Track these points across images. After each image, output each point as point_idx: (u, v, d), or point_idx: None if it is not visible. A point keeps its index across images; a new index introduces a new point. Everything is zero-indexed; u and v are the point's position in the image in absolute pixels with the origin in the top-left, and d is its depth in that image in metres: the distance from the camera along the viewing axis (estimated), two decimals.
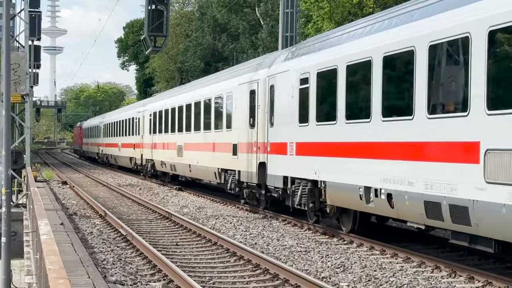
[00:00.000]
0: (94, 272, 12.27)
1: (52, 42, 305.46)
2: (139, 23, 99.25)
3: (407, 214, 14.07)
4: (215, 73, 36.64)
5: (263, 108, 22.26)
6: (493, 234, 11.54)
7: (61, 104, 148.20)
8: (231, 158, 25.34)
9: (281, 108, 20.77)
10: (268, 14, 57.37)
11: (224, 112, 26.94)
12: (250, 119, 23.31)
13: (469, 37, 11.91)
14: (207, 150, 28.72)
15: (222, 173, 26.52)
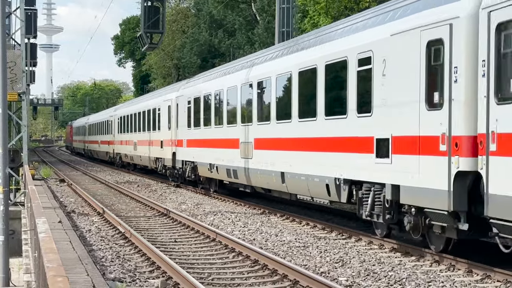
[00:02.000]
0: (92, 270, 12.27)
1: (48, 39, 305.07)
2: (136, 20, 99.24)
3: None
4: (153, 91, 54.43)
5: (174, 117, 34.05)
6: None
7: (58, 102, 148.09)
8: (159, 150, 37.48)
9: (180, 117, 32.72)
10: (264, 10, 57.33)
11: (156, 119, 38.76)
12: (169, 124, 35.39)
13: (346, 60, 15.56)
14: (151, 145, 40.03)
15: (157, 161, 38.15)
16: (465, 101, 12.24)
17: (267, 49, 25.32)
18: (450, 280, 12.13)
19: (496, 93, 11.37)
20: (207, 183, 29.37)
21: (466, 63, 12.26)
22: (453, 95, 12.47)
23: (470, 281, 12.12)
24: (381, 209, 14.87)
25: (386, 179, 14.55)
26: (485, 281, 12.10)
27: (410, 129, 13.67)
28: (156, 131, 38.34)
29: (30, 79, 45.20)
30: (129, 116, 48.63)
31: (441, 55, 12.83)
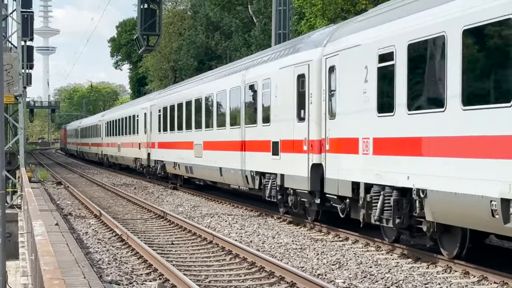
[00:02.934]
0: (89, 272, 12.27)
1: (45, 42, 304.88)
2: (132, 23, 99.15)
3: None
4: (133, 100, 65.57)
5: (149, 123, 39.65)
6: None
7: (54, 104, 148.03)
8: (138, 151, 42.30)
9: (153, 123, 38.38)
10: (261, 12, 57.33)
11: (135, 124, 44.01)
12: (145, 129, 40.56)
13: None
14: (132, 147, 44.65)
15: (136, 161, 43.14)
16: (315, 117, 17.89)
17: (214, 70, 32.64)
18: (447, 282, 12.14)
19: (329, 111, 17.19)
20: (174, 178, 35.14)
21: (316, 91, 17.86)
22: (310, 112, 18.17)
23: (467, 283, 12.12)
24: (276, 192, 20.50)
25: (277, 170, 20.35)
26: (482, 283, 12.11)
27: (289, 135, 19.41)
28: (135, 135, 44.07)
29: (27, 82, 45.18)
30: (114, 121, 54.44)
31: (304, 84, 18.52)
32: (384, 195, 14.50)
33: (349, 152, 16.08)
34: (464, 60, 11.86)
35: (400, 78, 13.89)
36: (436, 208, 12.85)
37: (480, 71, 11.80)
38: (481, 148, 11.48)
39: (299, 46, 19.76)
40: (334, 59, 16.88)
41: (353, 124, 15.98)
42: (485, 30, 11.44)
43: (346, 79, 16.37)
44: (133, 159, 44.31)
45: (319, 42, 18.32)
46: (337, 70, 16.77)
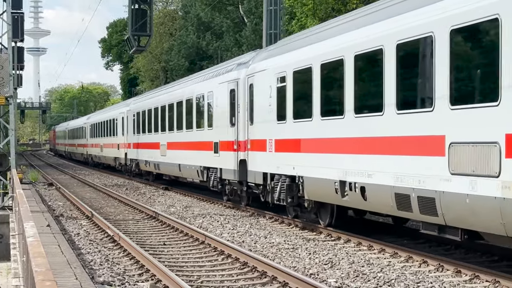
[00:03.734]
0: (81, 273, 12.24)
1: (35, 43, 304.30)
2: (123, 23, 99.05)
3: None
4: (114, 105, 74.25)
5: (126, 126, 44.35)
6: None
7: (45, 105, 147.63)
8: (117, 151, 47.12)
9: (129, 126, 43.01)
10: (252, 12, 57.34)
11: (115, 127, 48.50)
12: (122, 131, 45.31)
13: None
14: (112, 147, 49.68)
15: (116, 159, 48.35)
16: (242, 123, 22.65)
17: (175, 82, 39.23)
18: (439, 281, 12.16)
19: (250, 118, 21.86)
20: (147, 175, 39.86)
21: (242, 103, 22.60)
22: (238, 119, 22.94)
23: (459, 281, 12.15)
24: (217, 183, 25.18)
25: (217, 165, 25.06)
26: (474, 281, 12.14)
27: (225, 137, 24.19)
28: (115, 137, 48.86)
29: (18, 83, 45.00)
30: (97, 124, 59.38)
31: (235, 97, 23.19)
32: (281, 182, 19.33)
33: (261, 150, 20.97)
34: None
35: (289, 96, 18.78)
36: (309, 189, 17.92)
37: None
38: (328, 146, 16.70)
39: (232, 67, 24.54)
40: (253, 79, 21.64)
41: (263, 129, 20.84)
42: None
43: (259, 94, 21.07)
44: (113, 158, 49.47)
45: (245, 64, 22.97)
46: (254, 87, 21.55)
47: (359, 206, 16.07)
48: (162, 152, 33.99)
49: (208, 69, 32.06)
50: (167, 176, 36.83)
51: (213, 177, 25.57)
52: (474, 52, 11.95)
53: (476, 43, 11.82)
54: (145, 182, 38.90)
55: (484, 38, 11.52)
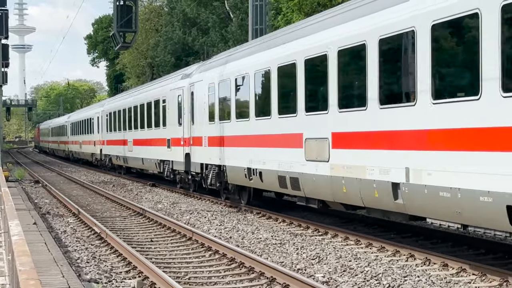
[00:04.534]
0: (68, 271, 12.19)
1: (20, 40, 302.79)
2: (108, 19, 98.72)
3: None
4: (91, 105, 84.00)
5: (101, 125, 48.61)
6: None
7: (31, 102, 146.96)
8: (93, 147, 52.02)
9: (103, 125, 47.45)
10: (238, 7, 57.28)
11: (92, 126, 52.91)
12: (98, 129, 49.87)
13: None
14: (89, 144, 54.65)
15: (92, 155, 52.74)
16: (186, 123, 27.26)
17: (140, 86, 45.87)
18: (426, 275, 12.19)
19: (191, 119, 26.56)
20: (119, 168, 44.26)
21: (187, 107, 27.20)
22: (184, 120, 27.68)
23: (446, 275, 12.18)
24: (170, 172, 30.02)
25: (170, 158, 29.81)
26: (461, 275, 12.17)
27: (175, 135, 28.98)
28: (92, 134, 53.23)
29: (3, 80, 44.79)
30: (77, 122, 63.86)
31: (181, 102, 28.03)
32: (212, 170, 24.01)
33: (199, 145, 25.66)
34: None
35: (216, 103, 23.54)
36: (230, 175, 22.66)
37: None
38: (240, 142, 21.42)
39: (180, 76, 29.67)
40: (193, 87, 26.38)
41: (200, 128, 25.52)
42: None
43: (198, 100, 25.86)
44: (91, 154, 54.28)
45: (189, 75, 27.76)
46: (194, 94, 26.33)
47: (259, 187, 20.64)
48: (129, 148, 38.96)
49: (164, 77, 37.23)
50: (134, 169, 41.50)
51: (167, 168, 30.54)
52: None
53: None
54: (132, 179, 38.85)
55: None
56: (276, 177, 18.58)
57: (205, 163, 24.86)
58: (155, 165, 32.85)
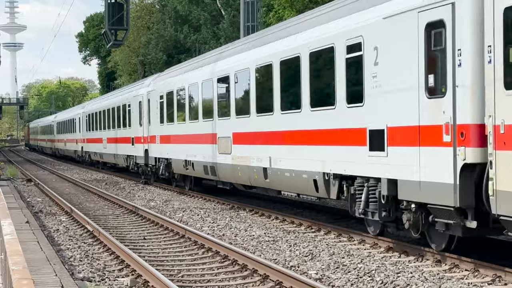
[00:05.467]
0: (61, 270, 12.16)
1: (11, 38, 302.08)
2: (100, 17, 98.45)
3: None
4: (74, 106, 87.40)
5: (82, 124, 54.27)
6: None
7: (23, 101, 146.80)
8: (76, 145, 57.87)
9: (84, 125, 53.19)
10: (229, 4, 57.20)
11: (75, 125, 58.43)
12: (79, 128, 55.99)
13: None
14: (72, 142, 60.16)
15: (75, 152, 57.94)
16: (145, 124, 32.89)
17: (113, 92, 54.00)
18: (419, 271, 12.21)
19: (148, 121, 31.72)
20: (97, 163, 49.80)
21: (146, 110, 32.50)
22: (144, 122, 33.19)
23: (439, 271, 12.21)
24: (134, 166, 35.57)
25: (134, 154, 35.32)
26: (453, 271, 12.20)
27: (136, 134, 34.48)
28: (74, 133, 58.70)
29: None
30: (61, 122, 69.20)
31: (141, 107, 33.36)
32: (162, 163, 29.60)
33: (154, 143, 31.18)
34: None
35: (164, 109, 29.03)
36: (174, 167, 27.99)
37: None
38: (180, 140, 27.17)
39: (140, 85, 35.86)
40: (149, 95, 31.97)
41: (154, 128, 30.94)
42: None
43: (152, 106, 31.35)
44: (74, 151, 59.54)
45: (147, 84, 33.49)
46: (150, 101, 31.84)
47: (193, 174, 26.38)
48: (104, 145, 44.58)
49: (130, 84, 42.85)
50: (109, 164, 46.57)
51: (132, 162, 36.19)
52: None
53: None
54: (125, 177, 38.80)
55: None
56: (202, 166, 24.38)
57: (158, 157, 30.58)
58: (123, 160, 38.36)
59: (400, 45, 12.93)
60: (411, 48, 12.57)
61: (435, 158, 12.00)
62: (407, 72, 12.67)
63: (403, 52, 12.84)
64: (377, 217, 13.95)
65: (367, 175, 14.09)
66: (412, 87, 12.53)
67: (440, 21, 11.85)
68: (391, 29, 13.19)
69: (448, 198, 11.62)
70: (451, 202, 11.56)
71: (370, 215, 14.21)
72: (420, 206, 12.67)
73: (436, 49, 12.01)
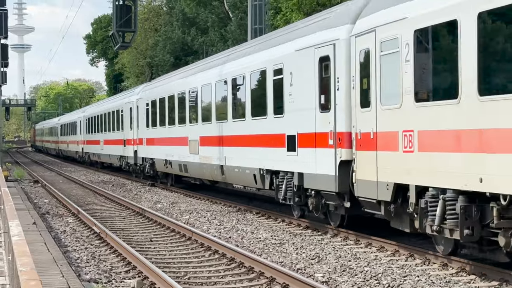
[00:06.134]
0: (68, 271, 12.20)
1: (19, 40, 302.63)
2: (107, 19, 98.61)
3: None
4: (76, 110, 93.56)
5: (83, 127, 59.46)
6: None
7: (30, 102, 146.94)
8: (77, 146, 62.32)
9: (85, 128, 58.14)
10: (237, 7, 57.23)
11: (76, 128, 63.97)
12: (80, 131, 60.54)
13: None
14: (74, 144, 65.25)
15: (76, 153, 63.21)
16: (135, 128, 37.07)
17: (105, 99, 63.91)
18: (426, 274, 12.20)
19: (137, 126, 36.03)
20: (96, 163, 53.90)
21: (135, 116, 37.40)
22: (133, 125, 37.37)
23: (446, 274, 12.19)
24: (125, 165, 39.61)
25: (126, 154, 39.23)
26: (461, 274, 12.18)
27: (128, 136, 38.37)
28: (76, 135, 63.51)
29: (2, 80, 44.81)
30: (64, 125, 74.32)
31: (131, 112, 38.11)
32: (148, 162, 33.70)
33: (141, 144, 35.44)
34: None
35: (149, 115, 33.63)
36: (157, 165, 32.27)
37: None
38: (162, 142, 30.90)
39: (131, 93, 40.16)
40: (138, 102, 36.24)
41: (142, 132, 35.27)
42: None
43: (140, 112, 35.66)
44: (75, 152, 64.03)
45: (137, 92, 37.74)
46: (139, 107, 36.14)
47: (171, 172, 30.67)
48: (101, 147, 49.21)
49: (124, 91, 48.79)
50: (105, 163, 50.71)
51: (124, 162, 40.24)
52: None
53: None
54: (132, 179, 38.88)
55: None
56: (177, 165, 28.46)
57: (144, 157, 34.72)
58: (117, 160, 42.74)
59: (304, 72, 17.11)
60: (311, 74, 16.77)
61: (324, 156, 16.13)
62: (309, 92, 16.90)
63: (306, 77, 17.01)
64: (292, 202, 18.09)
65: (286, 170, 18.31)
66: (312, 104, 16.75)
67: (327, 56, 16.08)
68: (300, 59, 17.44)
69: (332, 186, 15.77)
70: (334, 188, 15.72)
71: (289, 200, 18.16)
72: (317, 192, 16.81)
73: (325, 76, 16.24)
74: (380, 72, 13.72)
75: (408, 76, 12.60)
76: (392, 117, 13.30)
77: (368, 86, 14.19)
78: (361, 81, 14.49)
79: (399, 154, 13.00)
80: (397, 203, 13.43)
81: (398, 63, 12.92)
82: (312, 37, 16.95)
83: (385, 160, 13.56)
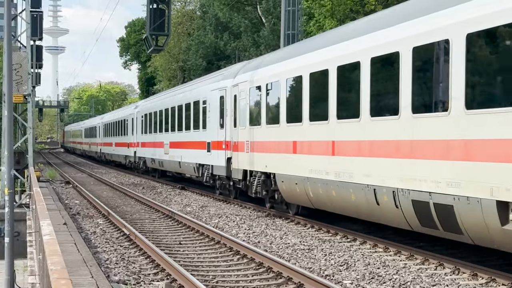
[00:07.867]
0: (97, 272, 12.28)
1: (54, 41, 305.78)
2: (141, 22, 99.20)
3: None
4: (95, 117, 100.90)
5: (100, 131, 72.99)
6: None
7: (63, 104, 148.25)
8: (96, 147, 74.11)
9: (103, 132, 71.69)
10: (270, 12, 57.26)
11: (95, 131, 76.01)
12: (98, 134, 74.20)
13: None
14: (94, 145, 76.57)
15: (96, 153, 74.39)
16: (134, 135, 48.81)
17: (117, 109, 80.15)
18: (455, 284, 12.10)
19: (133, 133, 49.73)
20: (111, 162, 62.16)
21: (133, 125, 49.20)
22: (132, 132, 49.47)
23: (475, 284, 12.08)
24: (129, 162, 50.93)
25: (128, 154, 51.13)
26: (490, 285, 12.07)
27: (130, 140, 49.82)
28: (96, 138, 73.64)
29: (36, 81, 45.20)
30: (87, 128, 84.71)
31: (133, 122, 49.64)
32: (143, 160, 44.39)
33: (144, 147, 44.55)
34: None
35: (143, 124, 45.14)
36: (148, 162, 43.02)
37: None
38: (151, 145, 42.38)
39: (134, 106, 48.20)
40: (137, 114, 46.40)
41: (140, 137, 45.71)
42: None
43: (139, 122, 45.18)
44: (95, 152, 73.53)
45: (138, 106, 47.37)
46: (137, 118, 46.52)
47: (156, 167, 40.62)
48: (113, 148, 58.72)
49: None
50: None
51: (127, 160, 49.75)
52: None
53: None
54: (162, 182, 39.04)
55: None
56: (158, 162, 39.29)
57: (140, 156, 46.39)
58: (123, 158, 50.91)
59: (215, 104, 27.54)
60: (217, 106, 27.12)
61: (221, 155, 26.35)
62: (216, 116, 27.34)
63: (215, 107, 27.45)
64: (209, 183, 28.88)
65: (206, 163, 28.72)
66: (217, 123, 27.09)
67: (222, 96, 26.32)
68: (213, 96, 27.79)
69: (224, 172, 26.06)
70: (225, 173, 25.97)
71: (208, 182, 28.82)
72: (219, 177, 27.21)
73: (222, 108, 26.45)
74: (239, 108, 24.14)
75: (252, 112, 22.92)
76: (241, 133, 23.91)
77: (235, 115, 24.54)
78: (234, 111, 24.71)
79: (245, 154, 23.44)
80: (245, 180, 23.60)
81: (246, 103, 23.35)
82: (218, 84, 27.46)
83: (240, 157, 24.01)
